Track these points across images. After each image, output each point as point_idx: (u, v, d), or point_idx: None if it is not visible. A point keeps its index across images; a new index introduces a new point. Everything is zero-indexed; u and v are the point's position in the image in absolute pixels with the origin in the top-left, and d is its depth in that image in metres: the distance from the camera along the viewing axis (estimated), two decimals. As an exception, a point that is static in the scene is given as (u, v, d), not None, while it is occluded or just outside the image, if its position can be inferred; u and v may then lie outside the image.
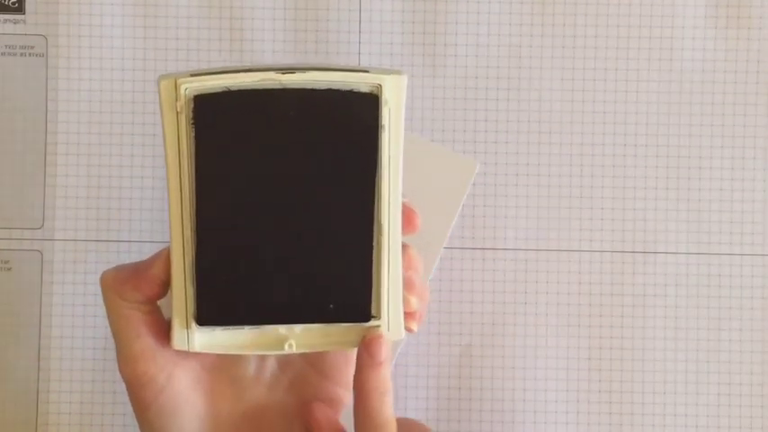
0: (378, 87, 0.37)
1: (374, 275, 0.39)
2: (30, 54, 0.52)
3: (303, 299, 0.38)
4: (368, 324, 0.39)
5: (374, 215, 0.38)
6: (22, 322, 0.51)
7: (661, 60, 0.52)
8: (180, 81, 0.37)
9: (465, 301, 0.52)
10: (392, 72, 0.38)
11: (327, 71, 0.37)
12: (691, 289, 0.52)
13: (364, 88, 0.37)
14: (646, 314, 0.52)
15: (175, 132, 0.37)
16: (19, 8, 0.52)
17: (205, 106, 0.37)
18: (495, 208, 0.52)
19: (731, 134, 0.52)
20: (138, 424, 0.41)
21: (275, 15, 0.52)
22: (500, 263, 0.52)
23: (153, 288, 0.39)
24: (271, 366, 0.42)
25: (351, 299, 0.39)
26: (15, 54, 0.52)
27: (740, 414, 0.52)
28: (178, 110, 0.37)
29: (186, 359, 0.40)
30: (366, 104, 0.37)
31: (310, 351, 0.39)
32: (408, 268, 0.40)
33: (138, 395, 0.40)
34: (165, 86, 0.37)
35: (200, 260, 0.38)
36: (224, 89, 0.37)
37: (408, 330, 0.40)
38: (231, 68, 0.37)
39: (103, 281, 0.40)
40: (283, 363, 0.42)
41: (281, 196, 0.38)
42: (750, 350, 0.52)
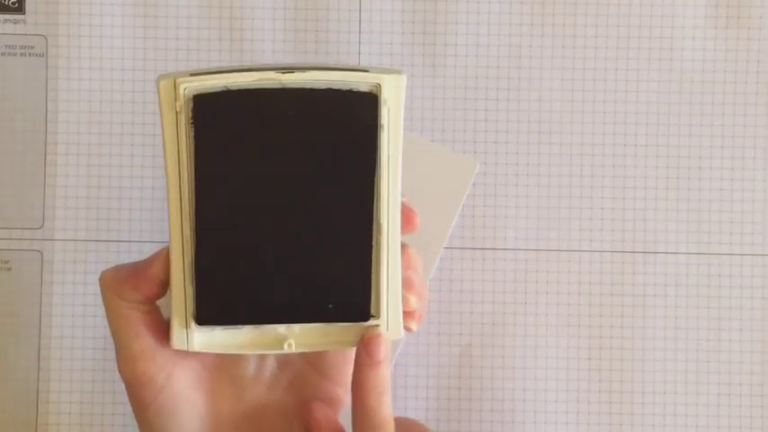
0: (377, 87, 0.37)
1: (373, 275, 0.39)
2: (30, 54, 0.52)
3: (302, 298, 0.38)
4: (367, 323, 0.39)
5: (373, 215, 0.38)
6: (22, 322, 0.51)
7: (661, 60, 0.52)
8: (179, 81, 0.37)
9: (465, 301, 0.52)
10: (391, 72, 0.38)
11: (327, 71, 0.37)
12: (691, 289, 0.52)
13: (364, 88, 0.37)
14: (646, 314, 0.52)
15: (175, 132, 0.37)
16: (19, 8, 0.52)
17: (204, 106, 0.37)
18: (495, 208, 0.52)
19: (731, 134, 0.52)
20: (138, 424, 0.40)
21: (275, 15, 0.52)
22: (500, 263, 0.52)
23: (152, 288, 0.39)
24: (270, 366, 0.42)
25: (350, 298, 0.39)
26: (15, 54, 0.52)
27: (740, 414, 0.52)
28: (177, 109, 0.37)
29: (186, 359, 0.40)
30: (365, 104, 0.37)
31: (310, 350, 0.39)
32: (408, 268, 0.40)
33: (138, 395, 0.40)
34: (165, 86, 0.37)
35: (199, 260, 0.38)
36: (223, 89, 0.37)
37: (408, 329, 0.40)
38: (231, 68, 0.37)
39: (102, 281, 0.40)
40: (283, 362, 0.42)
41: (281, 196, 0.38)
42: (750, 350, 0.52)
